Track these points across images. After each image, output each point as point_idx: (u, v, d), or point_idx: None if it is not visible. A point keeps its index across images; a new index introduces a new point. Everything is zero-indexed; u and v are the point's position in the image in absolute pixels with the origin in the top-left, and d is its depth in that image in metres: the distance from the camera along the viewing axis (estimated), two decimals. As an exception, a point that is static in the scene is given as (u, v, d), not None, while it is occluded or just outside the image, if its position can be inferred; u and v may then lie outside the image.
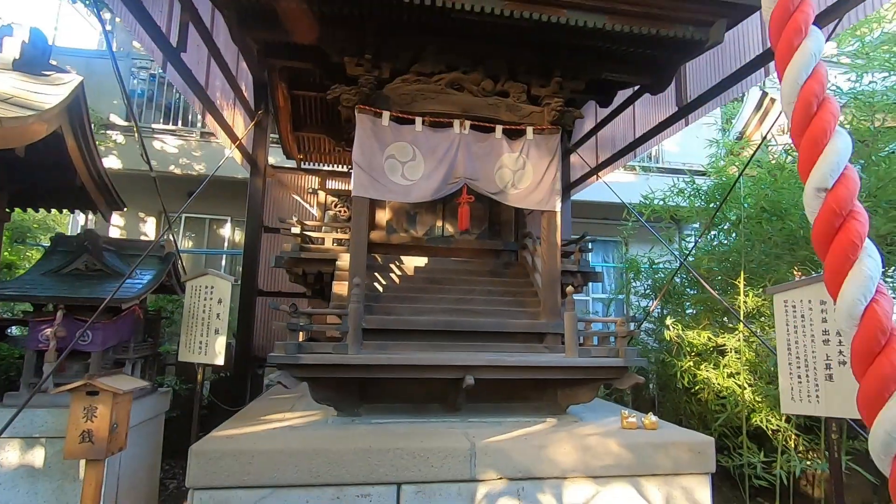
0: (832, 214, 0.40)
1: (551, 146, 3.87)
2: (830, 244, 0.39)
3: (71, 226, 8.97)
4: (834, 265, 0.38)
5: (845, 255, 0.38)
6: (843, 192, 0.41)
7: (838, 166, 0.42)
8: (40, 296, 3.41)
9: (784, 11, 0.48)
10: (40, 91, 3.66)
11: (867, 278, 0.36)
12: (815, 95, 0.46)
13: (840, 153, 0.43)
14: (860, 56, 5.00)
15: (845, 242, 0.38)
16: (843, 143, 0.44)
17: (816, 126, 0.45)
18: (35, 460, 3.20)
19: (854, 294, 0.36)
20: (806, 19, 0.48)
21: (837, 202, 0.40)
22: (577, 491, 2.80)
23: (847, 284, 0.37)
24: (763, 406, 4.37)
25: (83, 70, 7.69)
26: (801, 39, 0.47)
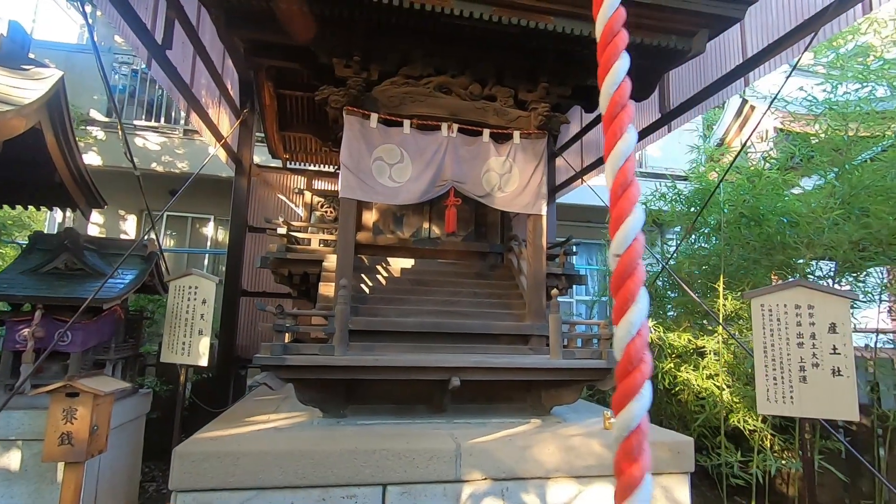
0: (622, 272, 0.57)
1: (538, 150, 3.92)
2: (618, 292, 0.57)
3: (48, 223, 8.77)
4: (623, 300, 0.56)
5: (626, 302, 0.55)
6: (630, 255, 0.58)
7: (629, 238, 0.58)
8: (18, 295, 3.34)
9: (614, 109, 0.66)
10: (19, 86, 3.59)
11: (642, 311, 0.55)
12: (627, 179, 0.63)
13: (633, 229, 0.59)
14: (835, 67, 5.17)
15: (627, 293, 0.56)
16: (637, 221, 0.60)
17: (622, 204, 0.61)
18: (11, 463, 3.13)
19: (633, 320, 0.54)
20: (628, 120, 0.65)
21: (629, 260, 0.58)
22: (561, 491, 2.85)
23: (629, 314, 0.54)
24: (741, 407, 4.48)
25: (63, 64, 7.53)
26: (622, 134, 0.64)
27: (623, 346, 0.56)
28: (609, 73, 0.68)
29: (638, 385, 0.56)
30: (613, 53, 0.68)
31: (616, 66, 0.67)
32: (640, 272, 0.59)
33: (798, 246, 4.57)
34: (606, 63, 0.68)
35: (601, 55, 0.69)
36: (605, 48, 0.69)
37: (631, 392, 0.55)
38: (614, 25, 0.69)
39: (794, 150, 5.33)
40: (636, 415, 0.55)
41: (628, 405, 0.56)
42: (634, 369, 0.56)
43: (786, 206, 4.95)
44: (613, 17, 0.70)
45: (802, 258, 4.76)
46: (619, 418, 0.57)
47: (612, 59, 0.68)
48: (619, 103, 0.67)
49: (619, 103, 0.67)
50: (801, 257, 4.74)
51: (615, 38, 0.69)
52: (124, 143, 3.92)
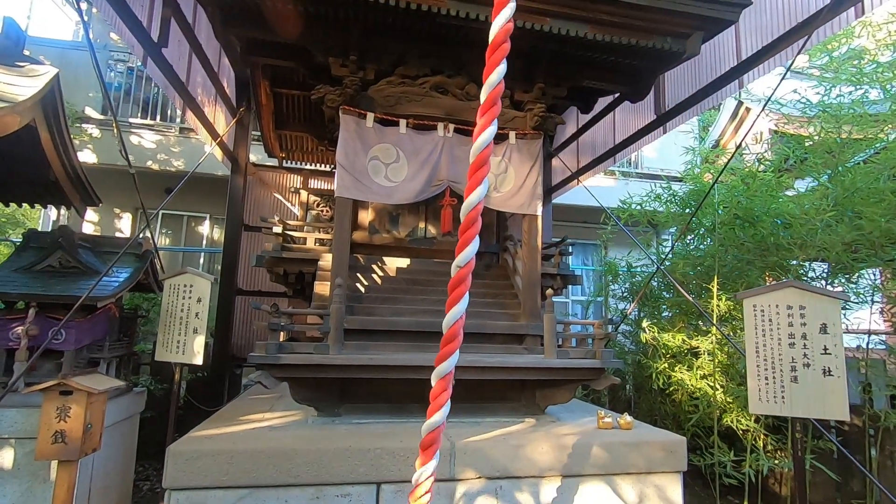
0: (459, 280, 0.82)
1: (533, 151, 3.94)
2: (454, 291, 0.83)
3: (42, 221, 8.73)
4: (454, 299, 0.82)
5: (459, 298, 0.83)
6: (465, 271, 0.84)
7: (470, 255, 0.86)
8: (11, 293, 3.33)
9: (480, 162, 0.91)
10: (13, 83, 3.57)
11: (462, 308, 0.81)
12: (476, 213, 0.92)
13: (470, 252, 0.88)
14: (829, 70, 5.20)
15: (462, 291, 0.84)
16: (474, 245, 0.89)
17: (469, 232, 0.89)
18: (4, 461, 3.12)
19: (456, 314, 0.81)
20: (486, 173, 0.93)
21: (461, 275, 0.84)
22: (554, 489, 2.86)
23: (453, 310, 0.82)
24: (734, 406, 4.50)
25: (58, 61, 7.50)
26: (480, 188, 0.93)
27: (449, 325, 0.90)
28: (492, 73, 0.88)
29: (452, 350, 0.91)
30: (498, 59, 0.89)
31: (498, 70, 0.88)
32: (467, 285, 0.91)
33: (791, 247, 4.60)
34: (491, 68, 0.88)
35: (489, 57, 0.89)
36: (492, 53, 0.88)
37: (447, 354, 0.90)
38: (503, 36, 0.88)
39: (788, 152, 5.36)
40: (450, 363, 0.91)
41: (444, 362, 0.90)
42: (454, 340, 0.90)
43: (780, 208, 4.98)
44: (504, 28, 0.88)
45: (796, 259, 4.79)
46: (437, 369, 0.92)
47: (495, 63, 0.88)
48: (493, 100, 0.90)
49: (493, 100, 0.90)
50: (795, 258, 4.77)
51: (501, 47, 0.88)
52: (119, 140, 3.91)
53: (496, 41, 0.87)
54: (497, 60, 0.87)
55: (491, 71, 0.87)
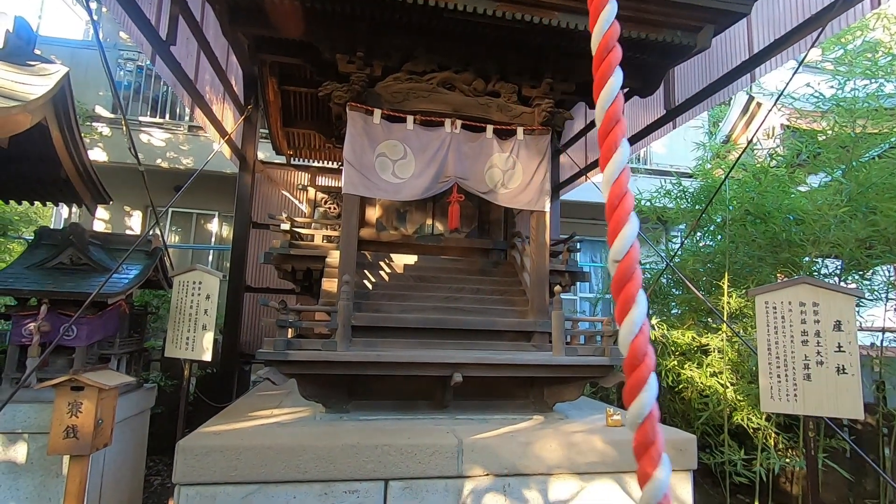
0: (622, 275, 0.63)
1: (541, 147, 3.91)
2: (619, 295, 0.62)
3: (54, 219, 8.83)
4: (623, 304, 0.61)
5: (627, 304, 0.61)
6: (628, 262, 0.63)
7: (627, 245, 0.64)
8: (24, 289, 3.36)
9: (609, 123, 0.70)
10: (25, 81, 3.60)
11: (642, 311, 0.60)
12: (622, 190, 0.67)
13: (630, 236, 0.64)
14: (843, 63, 5.11)
15: (632, 289, 0.62)
16: (633, 229, 0.65)
17: (619, 213, 0.66)
18: (17, 456, 3.16)
19: (635, 321, 0.59)
20: (622, 135, 0.69)
21: (627, 265, 0.63)
22: (563, 487, 2.85)
23: (630, 315, 0.59)
24: (744, 405, 4.46)
25: (68, 60, 7.57)
26: (617, 149, 0.68)
27: (627, 344, 0.62)
28: (604, 89, 0.70)
29: (644, 377, 0.61)
30: (608, 70, 0.71)
31: (611, 83, 0.70)
32: (638, 276, 0.65)
33: (804, 244, 4.54)
34: (601, 79, 0.71)
35: (596, 70, 0.71)
36: (600, 63, 0.72)
37: (639, 384, 0.60)
38: (609, 42, 0.72)
39: (800, 147, 5.29)
40: (646, 404, 0.60)
41: (638, 396, 0.60)
42: (640, 363, 0.61)
43: (792, 204, 4.92)
44: (609, 33, 0.72)
45: (808, 256, 4.73)
46: (632, 409, 0.61)
47: (606, 74, 0.71)
48: (613, 118, 0.71)
49: (614, 118, 0.71)
50: (807, 255, 4.71)
51: (610, 54, 0.71)
52: (129, 139, 3.93)
53: (602, 48, 0.71)
54: (608, 71, 0.71)
55: (601, 87, 0.71)
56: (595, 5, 0.72)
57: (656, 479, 0.57)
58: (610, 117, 0.70)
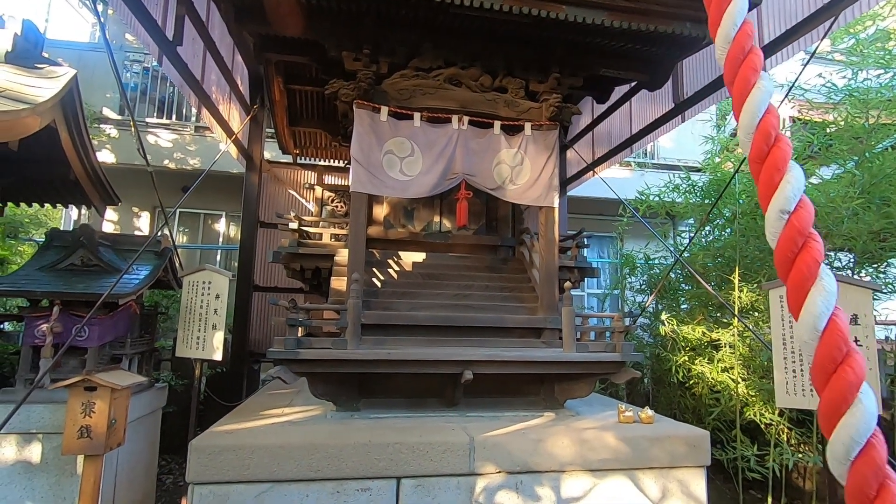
0: (795, 235, 0.43)
1: (549, 142, 3.88)
2: (793, 263, 0.42)
3: (64, 220, 8.90)
4: (796, 283, 0.41)
5: (808, 273, 0.42)
6: (804, 215, 0.45)
7: (798, 192, 0.46)
8: (36, 291, 3.39)
9: (739, 52, 0.52)
10: (33, 84, 3.62)
11: (829, 293, 0.40)
12: (773, 128, 0.50)
13: (799, 180, 0.47)
14: (854, 53, 5.04)
15: (808, 261, 0.42)
16: (800, 173, 0.49)
17: (776, 155, 0.49)
18: (32, 456, 3.19)
19: (818, 309, 0.40)
20: (760, 60, 0.52)
21: (800, 224, 0.44)
22: (575, 484, 2.83)
23: (810, 300, 0.40)
24: (756, 400, 4.42)
25: (75, 63, 7.60)
26: (757, 78, 0.50)
27: (813, 345, 0.42)
28: (746, 103, 0.53)
29: (848, 389, 0.39)
30: (748, 77, 0.53)
31: (755, 95, 0.52)
32: (817, 236, 0.46)
33: (816, 237, 4.48)
34: (741, 94, 0.53)
35: (730, 84, 0.55)
36: (734, 74, 0.54)
37: (840, 401, 0.39)
38: (744, 44, 0.54)
39: (811, 139, 5.22)
40: (857, 432, 0.37)
41: (842, 421, 0.38)
42: (838, 368, 0.41)
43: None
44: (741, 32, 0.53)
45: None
46: (833, 441, 0.39)
47: (748, 85, 0.53)
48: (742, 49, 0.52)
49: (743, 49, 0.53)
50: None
51: (747, 57, 0.54)
52: (137, 140, 3.95)
53: (731, 58, 0.56)
54: (745, 88, 0.54)
55: (742, 101, 0.54)
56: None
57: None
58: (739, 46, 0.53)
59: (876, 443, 0.36)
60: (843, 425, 0.37)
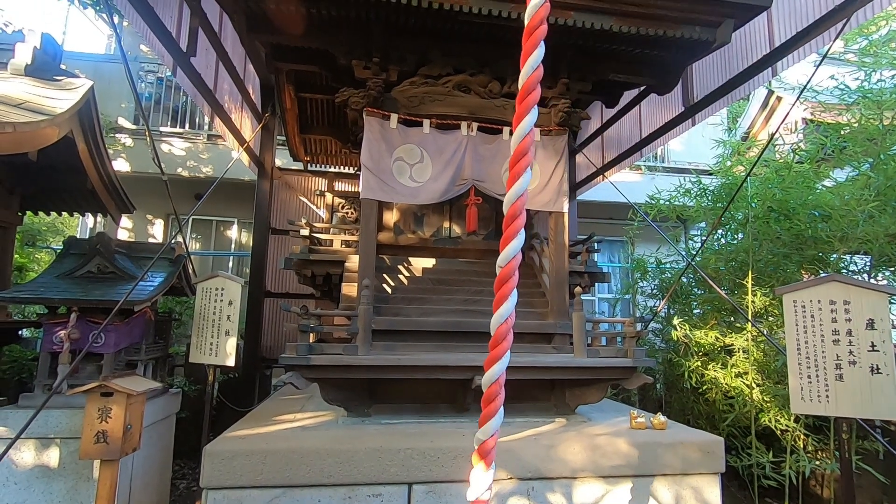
0: (504, 277, 0.88)
1: (558, 147, 3.88)
2: (498, 291, 0.85)
3: (80, 228, 9.06)
4: (499, 283, 0.81)
5: (503, 298, 0.85)
6: (512, 265, 0.91)
7: (516, 251, 0.91)
8: (54, 298, 3.45)
9: (520, 152, 0.88)
10: (52, 96, 3.71)
11: (502, 314, 0.80)
12: (519, 209, 0.88)
13: (517, 245, 0.86)
14: (868, 54, 4.98)
15: (510, 287, 0.91)
16: (519, 240, 0.89)
17: (513, 229, 0.90)
18: (50, 460, 3.24)
19: (507, 309, 0.78)
20: (529, 162, 0.89)
21: (508, 271, 0.90)
22: (587, 490, 2.82)
23: (505, 304, 0.79)
24: (772, 406, 4.35)
25: (91, 74, 7.76)
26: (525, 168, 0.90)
27: (495, 327, 0.86)
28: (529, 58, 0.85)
29: (502, 352, 0.86)
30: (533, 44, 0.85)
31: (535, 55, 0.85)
32: (514, 280, 0.88)
33: (831, 240, 4.42)
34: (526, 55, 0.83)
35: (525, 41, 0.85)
36: (528, 38, 0.85)
37: (497, 357, 0.86)
38: (539, 20, 0.85)
39: (825, 141, 5.16)
40: (497, 371, 0.85)
41: (492, 367, 0.85)
42: (503, 341, 0.86)
43: (817, 199, 4.80)
44: (540, 11, 0.85)
45: (836, 253, 4.60)
46: (486, 376, 0.87)
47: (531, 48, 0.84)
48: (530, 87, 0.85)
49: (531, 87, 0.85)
50: (835, 252, 4.58)
51: (536, 32, 0.84)
52: (152, 149, 4.03)
53: (532, 25, 0.86)
54: (533, 45, 0.85)
55: (528, 56, 0.85)
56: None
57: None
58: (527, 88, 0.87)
59: (500, 379, 0.88)
60: (492, 370, 0.79)
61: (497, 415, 0.87)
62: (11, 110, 3.32)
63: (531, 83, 0.84)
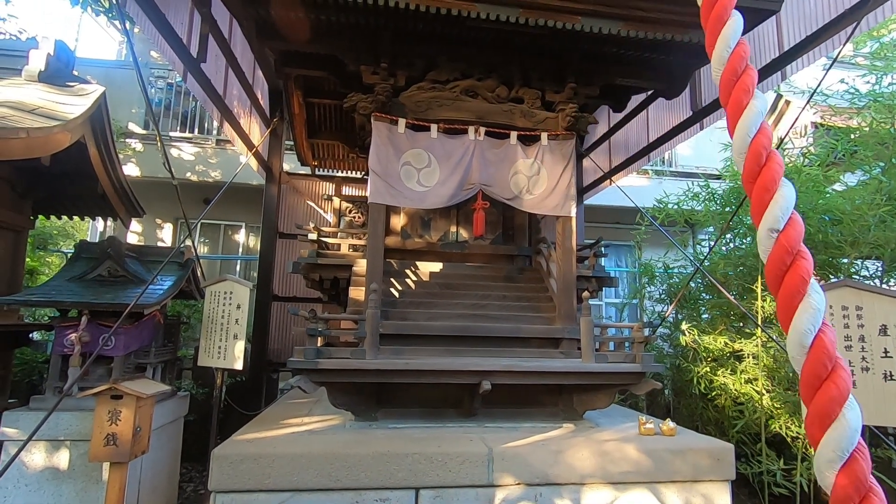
0: (784, 253, 0.43)
1: (566, 151, 3.88)
2: (782, 280, 0.42)
3: (90, 232, 9.15)
4: (785, 299, 0.41)
5: (796, 290, 0.42)
6: (792, 233, 0.44)
7: (787, 210, 0.46)
8: (65, 301, 3.49)
9: (732, 74, 0.54)
10: (65, 102, 3.77)
11: (815, 311, 0.40)
12: (764, 147, 0.50)
13: (788, 199, 0.47)
14: (878, 57, 4.95)
15: (796, 278, 0.43)
16: (790, 191, 0.49)
17: (766, 175, 0.49)
18: (60, 463, 3.27)
19: (804, 325, 0.40)
20: (752, 81, 0.54)
21: (788, 242, 0.44)
22: (596, 497, 2.79)
23: (798, 317, 0.40)
24: (782, 412, 4.30)
25: (103, 80, 7.85)
26: (750, 99, 0.52)
27: (800, 360, 0.43)
28: (738, 124, 0.57)
29: (832, 405, 0.39)
30: (740, 99, 0.58)
31: (747, 116, 0.57)
32: (807, 254, 0.48)
33: (842, 245, 4.37)
34: (734, 115, 0.58)
35: (725, 105, 0.60)
36: (728, 96, 0.60)
37: (824, 415, 0.39)
38: (737, 66, 0.61)
39: (835, 145, 5.12)
40: (840, 446, 0.38)
41: (826, 434, 0.39)
42: (822, 384, 0.41)
43: (827, 204, 4.75)
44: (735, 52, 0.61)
45: (846, 257, 4.56)
46: (819, 454, 0.40)
47: (740, 106, 0.58)
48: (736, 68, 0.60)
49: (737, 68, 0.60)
50: (846, 256, 4.54)
51: (740, 79, 0.60)
52: (163, 154, 4.06)
53: (726, 79, 0.64)
54: (738, 109, 0.60)
55: (735, 121, 0.60)
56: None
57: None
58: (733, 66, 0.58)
59: (859, 456, 0.38)
60: (827, 439, 0.38)
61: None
62: (25, 116, 3.37)
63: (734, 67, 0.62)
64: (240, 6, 3.40)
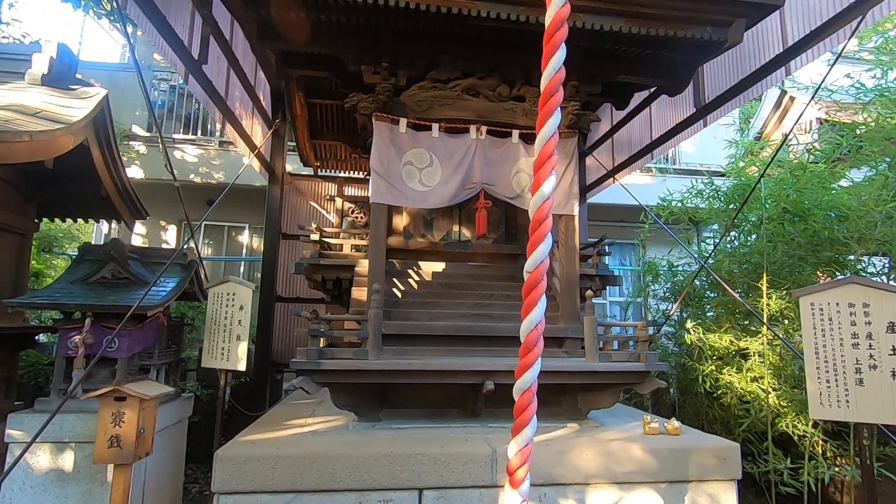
0: (531, 286, 0.81)
1: (568, 150, 3.86)
2: (527, 297, 0.73)
3: (95, 234, 9.19)
4: (526, 308, 0.72)
5: (531, 305, 0.74)
6: (538, 273, 0.83)
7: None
8: (69, 303, 3.49)
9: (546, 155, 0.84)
10: (68, 105, 3.78)
11: (532, 320, 0.70)
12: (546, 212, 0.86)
13: (541, 254, 0.83)
14: (884, 52, 4.90)
15: (533, 298, 0.82)
16: (544, 249, 0.87)
17: (538, 232, 0.88)
18: (65, 464, 3.28)
19: (529, 322, 0.68)
20: None
21: (533, 281, 0.87)
22: (601, 497, 2.78)
23: (526, 320, 0.69)
24: (789, 411, 4.27)
25: (106, 83, 7.89)
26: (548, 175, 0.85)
27: (525, 334, 0.84)
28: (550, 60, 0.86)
29: (533, 359, 0.84)
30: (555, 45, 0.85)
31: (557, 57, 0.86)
32: (542, 287, 0.84)
33: (848, 241, 4.33)
34: None
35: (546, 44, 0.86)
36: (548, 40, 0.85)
37: (528, 364, 0.82)
38: (559, 22, 0.85)
39: (840, 141, 5.07)
40: (529, 379, 0.83)
41: (524, 375, 0.82)
42: (534, 347, 0.83)
43: (833, 200, 4.71)
44: (559, 13, 0.85)
45: (853, 254, 4.51)
46: (518, 383, 0.84)
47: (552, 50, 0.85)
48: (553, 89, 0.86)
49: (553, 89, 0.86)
50: (852, 253, 4.50)
51: (557, 34, 0.85)
52: (165, 156, 4.07)
53: (552, 27, 0.86)
54: (554, 47, 0.84)
55: (549, 58, 0.85)
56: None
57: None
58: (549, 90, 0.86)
59: (533, 386, 0.76)
60: (524, 377, 0.70)
61: (531, 423, 0.85)
62: (28, 119, 3.38)
63: (553, 86, 0.84)
64: (240, 7, 3.39)
